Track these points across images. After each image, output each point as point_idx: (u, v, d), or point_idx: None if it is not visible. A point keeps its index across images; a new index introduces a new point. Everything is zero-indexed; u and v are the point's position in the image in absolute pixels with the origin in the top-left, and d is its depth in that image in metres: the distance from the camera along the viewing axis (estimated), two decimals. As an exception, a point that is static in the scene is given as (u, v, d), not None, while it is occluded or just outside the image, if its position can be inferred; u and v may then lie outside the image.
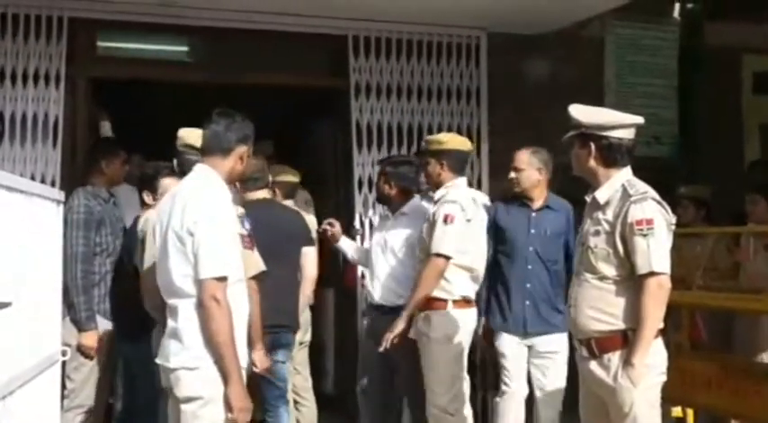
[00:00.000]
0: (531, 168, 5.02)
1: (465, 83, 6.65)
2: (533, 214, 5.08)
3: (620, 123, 3.80)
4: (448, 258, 4.75)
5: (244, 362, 3.58)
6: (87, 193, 5.09)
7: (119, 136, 5.49)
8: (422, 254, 4.88)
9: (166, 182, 4.60)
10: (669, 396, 4.83)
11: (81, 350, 4.89)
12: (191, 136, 4.31)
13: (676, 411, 5.58)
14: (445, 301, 4.82)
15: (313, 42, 6.41)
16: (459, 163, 5.03)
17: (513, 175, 5.05)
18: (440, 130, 6.52)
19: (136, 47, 6.44)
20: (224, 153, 3.65)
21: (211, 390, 3.44)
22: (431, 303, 4.82)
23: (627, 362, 3.60)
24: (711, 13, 7.34)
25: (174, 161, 4.47)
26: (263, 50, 6.35)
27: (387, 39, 6.42)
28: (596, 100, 7.08)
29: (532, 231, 5.06)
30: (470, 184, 6.55)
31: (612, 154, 3.75)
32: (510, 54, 6.72)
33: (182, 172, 4.53)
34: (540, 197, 5.08)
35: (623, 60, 7.27)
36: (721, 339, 5.82)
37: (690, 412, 5.54)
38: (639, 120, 3.83)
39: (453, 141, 5.09)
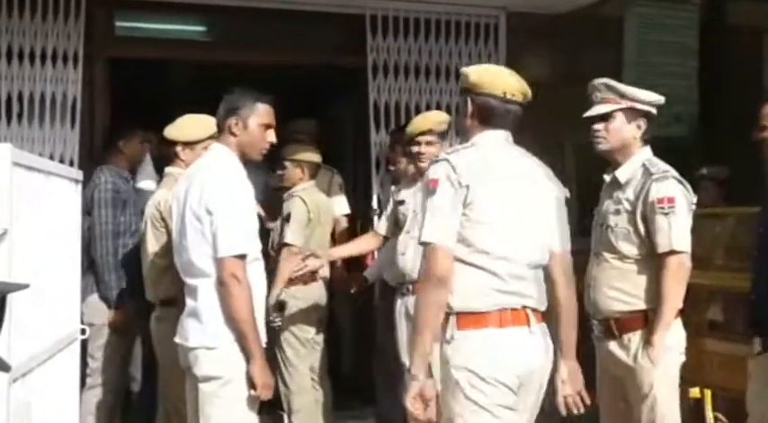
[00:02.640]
0: None
1: (483, 62, 6.60)
2: None
3: (656, 100, 3.82)
4: None
5: (263, 340, 3.60)
6: (112, 171, 5.13)
7: (137, 116, 5.48)
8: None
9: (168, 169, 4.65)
10: (687, 377, 4.80)
11: (113, 327, 4.93)
12: (171, 131, 4.59)
13: (694, 392, 5.56)
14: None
15: (331, 21, 6.38)
16: None
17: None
18: (457, 110, 6.49)
19: (154, 26, 6.44)
20: (222, 130, 3.68)
21: (231, 369, 3.45)
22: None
23: (647, 342, 3.60)
24: (733, -8, 7.28)
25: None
26: (280, 29, 6.33)
27: (405, 18, 6.39)
28: (616, 79, 7.03)
29: None
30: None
31: (647, 132, 3.79)
32: (529, 34, 6.68)
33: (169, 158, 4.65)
34: None
35: (643, 39, 7.20)
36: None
37: (708, 393, 5.52)
38: (661, 99, 3.84)
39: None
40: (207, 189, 3.50)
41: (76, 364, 4.22)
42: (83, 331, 4.25)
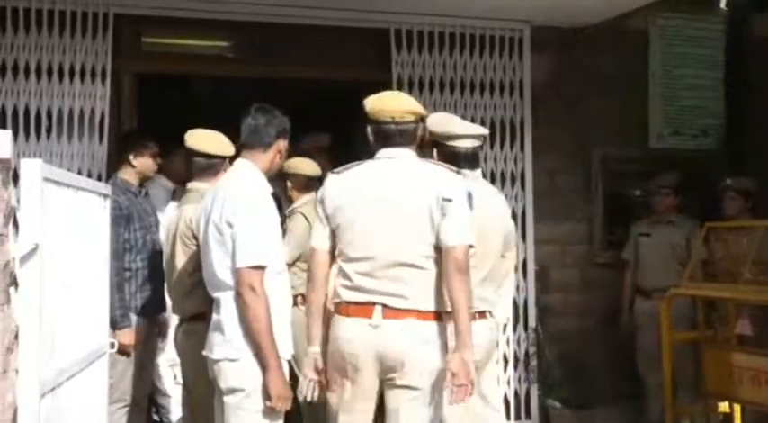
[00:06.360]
0: None
1: (508, 76, 6.61)
2: None
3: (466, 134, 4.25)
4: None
5: (287, 353, 3.61)
6: (116, 187, 5.00)
7: (163, 131, 5.49)
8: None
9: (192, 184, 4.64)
10: (716, 391, 4.77)
11: (117, 348, 4.92)
12: (192, 139, 4.53)
13: (723, 407, 5.52)
14: None
15: (355, 36, 6.40)
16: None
17: None
18: (483, 124, 6.49)
19: (180, 42, 6.48)
20: (264, 147, 3.73)
21: (253, 381, 3.49)
22: None
23: None
24: (758, 3, 7.23)
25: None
26: (305, 44, 6.36)
27: (429, 32, 6.40)
28: (641, 92, 7.02)
29: None
30: (513, 179, 6.56)
31: (457, 161, 4.10)
32: (553, 47, 6.69)
33: (189, 174, 4.61)
34: None
35: (668, 52, 7.19)
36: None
37: (737, 408, 5.48)
38: (483, 131, 4.34)
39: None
40: (229, 202, 3.54)
41: (105, 377, 4.23)
42: (111, 345, 4.27)
